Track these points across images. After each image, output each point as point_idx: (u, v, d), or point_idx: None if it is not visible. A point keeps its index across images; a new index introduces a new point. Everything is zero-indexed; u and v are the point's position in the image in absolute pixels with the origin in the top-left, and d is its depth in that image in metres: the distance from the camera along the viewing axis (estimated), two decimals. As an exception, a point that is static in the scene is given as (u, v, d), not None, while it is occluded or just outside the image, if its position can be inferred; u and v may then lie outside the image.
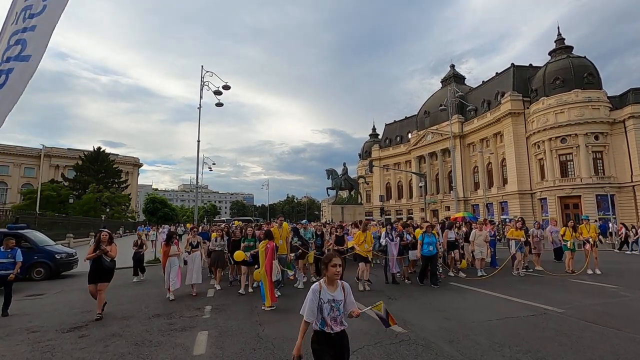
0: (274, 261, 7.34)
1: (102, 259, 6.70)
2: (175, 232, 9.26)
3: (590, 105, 38.52)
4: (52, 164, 65.91)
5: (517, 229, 10.67)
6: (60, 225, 26.42)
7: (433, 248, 8.98)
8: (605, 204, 37.41)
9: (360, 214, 52.98)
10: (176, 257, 8.44)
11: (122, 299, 8.57)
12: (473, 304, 7.19)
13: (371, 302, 7.18)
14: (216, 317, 6.56)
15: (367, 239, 8.82)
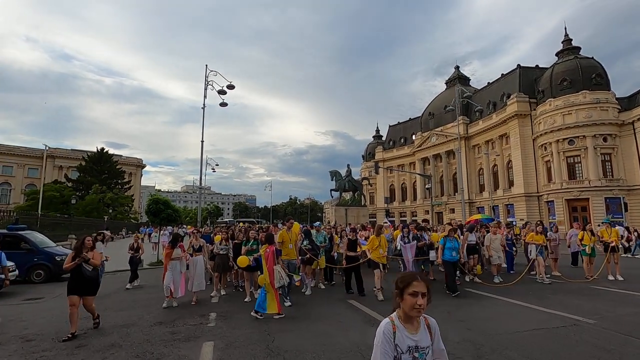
0: (275, 267, 6.79)
1: (82, 268, 5.84)
2: (179, 234, 8.73)
3: (598, 106, 37.96)
4: (55, 165, 65.92)
5: (538, 233, 10.15)
6: (63, 226, 26.16)
7: (456, 253, 8.44)
8: (614, 207, 36.85)
9: (364, 216, 52.50)
10: (178, 261, 7.85)
11: (124, 304, 8.23)
12: (494, 313, 6.76)
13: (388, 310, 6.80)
14: (222, 325, 6.17)
15: (381, 244, 8.27)
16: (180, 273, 7.83)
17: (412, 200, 65.83)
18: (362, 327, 5.91)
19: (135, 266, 10.80)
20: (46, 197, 38.87)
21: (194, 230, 9.62)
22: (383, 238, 8.49)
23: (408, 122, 72.57)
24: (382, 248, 8.28)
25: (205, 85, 19.87)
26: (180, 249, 7.93)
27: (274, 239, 7.55)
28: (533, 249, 9.99)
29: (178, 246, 7.92)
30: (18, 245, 11.99)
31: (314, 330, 5.75)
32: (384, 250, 8.37)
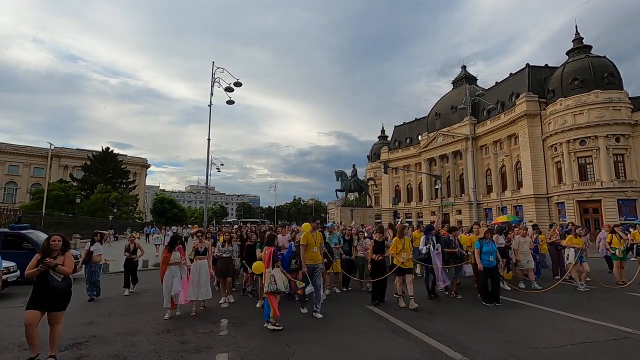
0: (270, 270, 6.14)
1: (49, 276, 4.47)
2: (179, 235, 7.88)
3: (611, 106, 37.13)
4: (61, 164, 65.97)
5: (577, 236, 9.44)
6: (67, 225, 25.87)
7: (494, 258, 7.58)
8: (627, 209, 36.04)
9: (369, 216, 51.94)
10: (177, 266, 6.97)
11: (128, 308, 7.77)
12: (531, 323, 6.19)
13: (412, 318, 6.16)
14: (235, 334, 5.69)
15: (405, 246, 7.48)
16: (180, 279, 6.93)
17: (417, 201, 65.14)
18: (388, 337, 5.41)
19: (132, 270, 9.70)
20: (51, 196, 38.73)
21: (198, 231, 8.61)
22: (407, 240, 7.74)
23: (414, 122, 71.90)
24: (407, 251, 7.49)
25: (212, 82, 19.45)
26: (179, 253, 7.07)
27: (276, 240, 7.07)
28: (572, 254, 9.25)
29: (176, 249, 7.06)
30: (20, 245, 11.61)
31: (337, 341, 5.24)
32: (408, 254, 7.55)
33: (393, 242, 7.67)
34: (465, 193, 55.15)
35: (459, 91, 60.48)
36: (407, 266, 7.47)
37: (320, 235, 7.15)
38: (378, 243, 8.03)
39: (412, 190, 67.47)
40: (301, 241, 6.87)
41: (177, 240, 7.22)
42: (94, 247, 8.90)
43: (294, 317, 6.63)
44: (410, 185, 68.23)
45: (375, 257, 7.73)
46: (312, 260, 6.82)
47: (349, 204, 52.99)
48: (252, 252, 8.39)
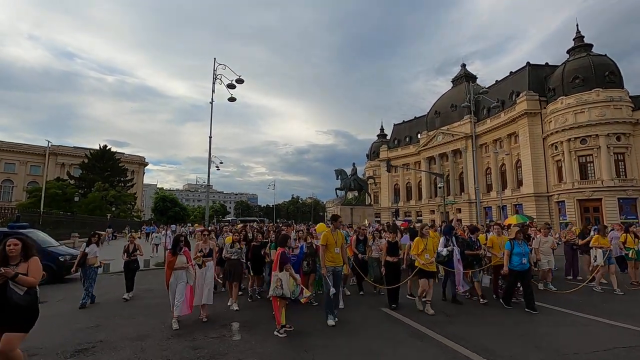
0: (277, 273, 5.75)
1: (7, 289, 3.54)
2: (182, 235, 6.92)
3: (612, 104, 37.13)
4: (58, 162, 65.36)
5: (604, 236, 9.09)
6: (65, 223, 25.50)
7: (527, 260, 7.04)
8: (627, 208, 36.07)
9: (369, 215, 51.77)
10: (184, 271, 6.31)
11: (134, 310, 7.52)
12: (557, 327, 5.95)
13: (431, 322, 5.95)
14: (248, 338, 5.46)
15: (427, 247, 6.97)
16: (186, 285, 6.30)
17: (417, 199, 65.09)
18: (410, 342, 5.19)
19: (132, 273, 8.88)
20: (48, 194, 38.27)
21: (203, 230, 7.98)
22: (431, 241, 7.17)
23: (413, 120, 71.78)
24: (430, 252, 6.98)
25: (214, 79, 19.13)
26: (184, 257, 6.39)
27: (289, 241, 6.63)
28: (599, 255, 8.81)
29: (182, 252, 6.40)
30: (19, 245, 11.30)
31: (358, 347, 5.01)
32: (432, 255, 7.05)
33: (414, 242, 7.20)
34: (465, 192, 55.13)
35: (458, 89, 60.39)
36: (430, 269, 6.96)
37: (341, 235, 6.55)
38: (392, 244, 7.62)
39: (411, 189, 67.39)
40: (321, 241, 6.38)
41: (180, 243, 6.47)
42: (89, 249, 8.14)
43: (308, 321, 6.35)
44: (409, 183, 68.14)
45: (391, 259, 7.37)
46: (333, 262, 6.31)
47: (349, 202, 52.87)
48: (258, 253, 8.09)
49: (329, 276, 6.15)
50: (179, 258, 6.32)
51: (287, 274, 5.74)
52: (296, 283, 5.80)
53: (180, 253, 6.36)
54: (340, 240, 6.44)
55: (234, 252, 7.65)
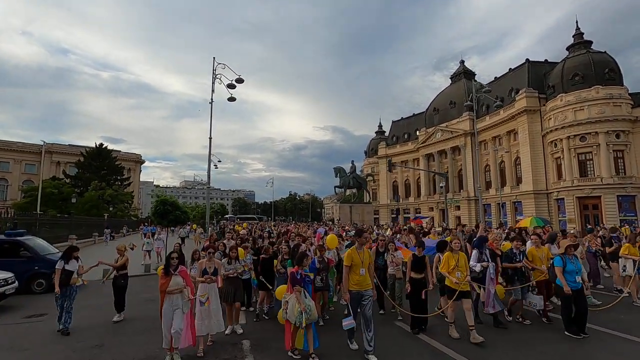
0: (287, 295, 5.38)
1: None
2: (176, 251, 5.92)
3: (611, 102, 37.08)
4: (53, 161, 64.66)
5: (634, 245, 8.22)
6: (62, 225, 25.12)
7: (580, 279, 6.32)
8: (626, 205, 36.17)
9: (368, 213, 51.90)
10: (179, 294, 5.24)
11: (137, 324, 7.25)
12: (617, 357, 5.41)
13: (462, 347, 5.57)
14: (261, 359, 5.24)
15: (459, 264, 6.07)
16: (182, 314, 5.20)
17: (415, 196, 65.09)
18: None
19: (122, 291, 7.70)
20: (44, 194, 37.79)
21: (209, 246, 6.79)
22: (463, 256, 6.29)
23: (412, 117, 71.59)
24: (462, 269, 6.06)
25: (213, 79, 18.80)
26: (180, 277, 5.29)
27: (306, 260, 5.82)
28: (629, 265, 8.17)
29: (178, 272, 5.29)
30: (17, 253, 11.03)
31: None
32: (464, 273, 6.08)
33: (444, 257, 6.32)
34: (464, 189, 55.14)
35: (457, 86, 60.21)
36: (463, 288, 6.00)
37: (368, 253, 5.62)
38: (418, 258, 6.62)
39: (410, 186, 67.35)
40: (344, 261, 5.48)
41: (172, 260, 5.30)
42: (70, 266, 6.92)
43: (329, 345, 5.73)
44: (408, 180, 68.07)
45: (416, 276, 6.49)
46: (359, 285, 5.35)
47: (347, 200, 52.78)
48: (269, 268, 7.45)
49: (352, 303, 5.31)
50: (173, 279, 5.21)
51: (294, 297, 5.26)
52: (301, 309, 5.10)
53: (176, 273, 5.25)
54: (367, 259, 5.51)
55: (230, 269, 6.66)
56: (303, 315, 5.04)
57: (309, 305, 5.21)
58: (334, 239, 8.02)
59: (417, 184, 65.20)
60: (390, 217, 67.06)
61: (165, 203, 14.38)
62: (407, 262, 7.08)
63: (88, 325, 7.25)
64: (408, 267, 6.67)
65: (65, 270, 6.83)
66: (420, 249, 6.70)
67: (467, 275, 6.12)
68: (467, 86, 51.23)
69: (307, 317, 5.06)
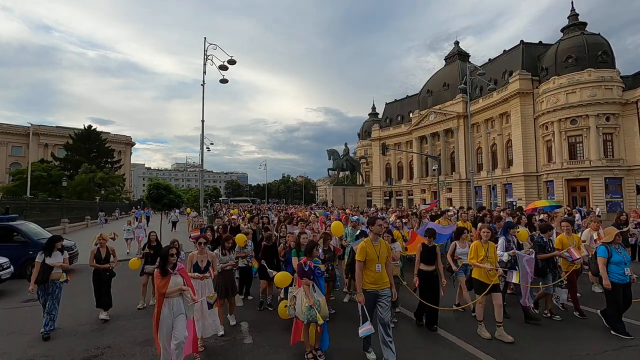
0: (295, 289, 5.00)
1: None
2: (175, 246, 4.85)
3: (603, 85, 37.32)
4: (40, 143, 63.38)
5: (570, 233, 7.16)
6: (54, 208, 24.89)
7: (629, 271, 5.57)
8: (613, 187, 37.01)
9: (361, 195, 52.23)
10: (179, 297, 4.32)
11: (137, 312, 7.30)
12: None
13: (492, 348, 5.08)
14: (261, 342, 5.39)
15: (489, 254, 5.56)
16: (184, 319, 4.30)
17: (408, 179, 65.58)
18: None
19: (106, 285, 6.69)
20: (33, 177, 37.18)
21: (199, 236, 5.78)
22: (492, 246, 5.74)
23: (405, 99, 71.25)
24: (492, 261, 5.55)
25: (205, 60, 18.41)
26: (180, 277, 4.39)
27: (316, 249, 5.24)
28: None
29: (177, 271, 4.37)
30: (11, 238, 10.99)
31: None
32: (494, 263, 5.56)
33: (472, 247, 5.77)
34: (456, 171, 55.67)
35: (451, 68, 59.78)
36: (493, 281, 5.47)
37: (385, 245, 4.84)
38: (428, 249, 5.93)
39: (403, 168, 67.72)
40: (357, 256, 4.69)
41: (171, 256, 4.34)
42: (52, 259, 6.00)
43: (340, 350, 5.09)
44: (401, 163, 68.38)
45: (426, 267, 5.85)
46: (375, 284, 4.59)
47: (340, 182, 52.97)
48: (270, 255, 6.99)
49: (368, 304, 4.55)
50: (172, 279, 4.27)
51: (302, 291, 4.77)
52: (310, 304, 4.59)
53: (175, 272, 4.34)
54: (385, 252, 4.73)
55: (225, 260, 6.08)
56: (313, 310, 4.54)
57: (318, 301, 4.69)
58: (340, 226, 7.37)
59: (410, 166, 65.57)
60: (383, 199, 67.68)
61: (159, 187, 14.27)
62: (413, 254, 6.46)
63: (84, 308, 7.15)
64: (417, 258, 5.96)
65: (45, 264, 5.90)
66: (431, 238, 6.05)
67: (497, 267, 5.59)
68: (461, 68, 50.98)
69: (312, 315, 4.56)
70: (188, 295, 4.34)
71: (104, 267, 6.64)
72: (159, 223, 15.98)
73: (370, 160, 71.61)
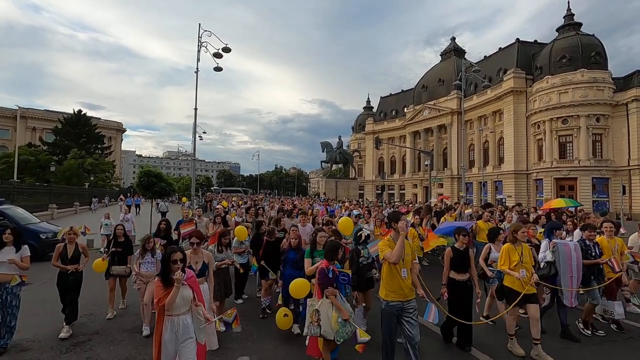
0: (315, 301, 4.11)
1: None
2: (179, 249, 3.50)
3: (595, 86, 37.76)
4: (28, 126, 62.04)
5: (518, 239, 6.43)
6: (41, 193, 24.51)
7: None
8: (600, 187, 37.74)
9: (354, 188, 52.43)
10: (187, 313, 3.30)
11: (125, 321, 7.25)
12: None
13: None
14: (252, 331, 5.44)
15: (524, 259, 4.79)
16: (194, 345, 3.31)
17: (400, 173, 65.91)
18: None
19: (73, 291, 5.44)
20: (20, 160, 36.48)
21: (193, 232, 4.98)
22: (527, 249, 4.95)
23: (400, 93, 71.24)
24: (527, 266, 4.76)
25: (199, 47, 18.07)
26: (189, 288, 3.33)
27: (339, 251, 4.48)
28: None
29: (186, 279, 3.31)
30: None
31: None
32: (530, 271, 4.78)
33: (503, 250, 4.93)
34: (448, 167, 56.09)
35: (447, 64, 59.82)
36: (529, 291, 4.67)
37: (410, 246, 4.13)
38: (461, 253, 4.95)
39: (395, 163, 67.98)
40: (380, 254, 3.94)
41: (175, 262, 3.25)
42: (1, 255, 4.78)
43: None
44: (394, 157, 68.62)
45: (459, 277, 4.89)
46: (399, 293, 3.86)
47: (333, 175, 53.05)
48: (272, 252, 6.16)
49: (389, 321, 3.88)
50: (180, 291, 3.20)
51: (328, 303, 3.94)
52: (342, 318, 3.84)
53: (184, 282, 3.26)
54: (410, 255, 3.98)
55: (221, 258, 5.54)
56: (350, 325, 3.85)
57: (352, 312, 4.07)
58: (349, 223, 6.40)
59: (403, 161, 65.85)
60: (375, 193, 68.03)
61: (150, 174, 14.11)
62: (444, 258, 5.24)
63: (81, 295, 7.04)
64: (446, 265, 4.97)
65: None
66: (465, 236, 5.03)
67: (533, 274, 4.80)
68: (457, 64, 51.02)
69: (343, 332, 3.82)
70: (200, 313, 3.34)
71: (68, 269, 5.30)
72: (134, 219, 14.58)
73: (364, 154, 71.75)
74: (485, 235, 6.44)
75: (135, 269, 5.73)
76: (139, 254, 5.74)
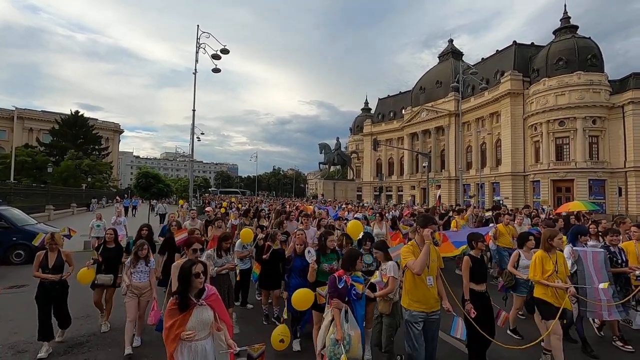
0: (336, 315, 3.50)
1: None
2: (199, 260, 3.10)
3: (591, 88, 38.00)
4: (25, 127, 61.78)
5: None
6: (38, 194, 24.39)
7: None
8: (596, 189, 37.95)
9: (352, 190, 52.59)
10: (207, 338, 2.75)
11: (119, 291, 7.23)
12: None
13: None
14: (249, 331, 5.44)
15: (559, 269, 4.29)
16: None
17: (398, 175, 66.02)
18: None
19: (59, 303, 4.99)
20: (17, 162, 36.33)
21: (190, 238, 4.82)
22: (562, 257, 4.49)
23: (398, 95, 71.45)
24: (562, 278, 4.27)
25: (197, 48, 18.12)
26: (209, 308, 2.77)
27: (360, 261, 3.81)
28: None
29: (206, 297, 2.77)
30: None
31: None
32: (565, 280, 4.29)
33: (536, 258, 4.41)
34: (445, 169, 56.24)
35: (445, 65, 60.05)
36: (563, 304, 4.15)
37: (436, 251, 3.78)
38: (479, 262, 4.47)
39: (393, 164, 68.10)
40: (402, 261, 3.66)
41: (192, 276, 2.73)
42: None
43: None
44: (392, 159, 68.74)
45: (478, 287, 4.36)
46: (424, 303, 3.60)
47: (331, 176, 53.13)
48: (276, 260, 5.74)
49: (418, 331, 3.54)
50: (195, 314, 2.69)
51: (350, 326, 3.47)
52: (336, 338, 3.39)
53: (201, 302, 2.74)
54: (436, 261, 3.72)
55: (220, 263, 5.08)
56: (339, 347, 3.31)
57: (349, 335, 3.40)
58: (359, 227, 5.84)
59: (401, 162, 65.97)
60: (373, 194, 68.09)
61: (148, 175, 14.10)
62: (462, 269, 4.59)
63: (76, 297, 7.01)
64: (466, 276, 4.38)
65: None
66: (479, 241, 4.53)
67: (570, 286, 4.26)
68: (455, 66, 51.24)
69: (345, 351, 3.29)
70: (222, 339, 2.80)
71: (49, 278, 4.81)
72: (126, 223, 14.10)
73: (362, 155, 71.87)
74: (506, 239, 6.15)
75: (126, 280, 4.93)
76: (131, 263, 5.01)
